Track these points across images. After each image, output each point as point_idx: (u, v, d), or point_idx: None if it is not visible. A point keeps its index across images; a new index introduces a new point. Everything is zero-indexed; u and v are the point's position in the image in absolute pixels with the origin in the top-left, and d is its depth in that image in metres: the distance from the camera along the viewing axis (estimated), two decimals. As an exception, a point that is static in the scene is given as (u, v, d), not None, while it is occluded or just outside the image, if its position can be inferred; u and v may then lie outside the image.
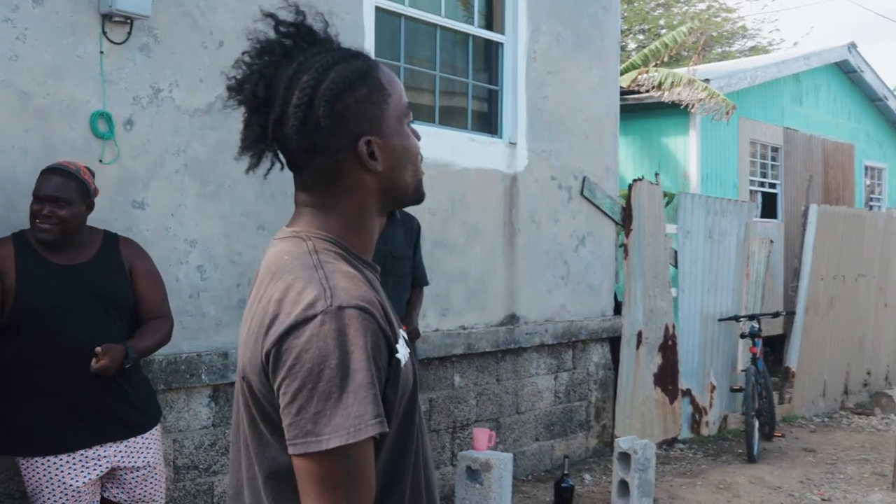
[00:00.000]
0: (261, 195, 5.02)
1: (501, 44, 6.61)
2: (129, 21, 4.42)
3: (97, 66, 4.33)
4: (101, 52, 4.35)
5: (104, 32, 4.35)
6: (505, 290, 6.51)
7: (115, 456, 3.75)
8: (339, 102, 1.63)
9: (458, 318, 6.18)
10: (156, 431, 3.92)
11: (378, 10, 5.70)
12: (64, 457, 3.66)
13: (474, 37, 6.48)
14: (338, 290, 1.54)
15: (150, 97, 4.55)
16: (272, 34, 1.67)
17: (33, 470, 3.65)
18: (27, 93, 4.11)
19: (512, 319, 6.56)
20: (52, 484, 3.65)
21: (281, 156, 1.72)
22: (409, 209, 5.38)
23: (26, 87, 4.10)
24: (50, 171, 3.72)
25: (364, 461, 1.52)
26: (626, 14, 19.29)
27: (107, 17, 4.34)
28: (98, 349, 3.59)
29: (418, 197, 1.79)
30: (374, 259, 1.90)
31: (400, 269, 5.06)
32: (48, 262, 3.70)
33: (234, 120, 4.69)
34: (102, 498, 3.84)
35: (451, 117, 6.42)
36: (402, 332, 1.71)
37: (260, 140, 1.68)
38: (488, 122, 6.63)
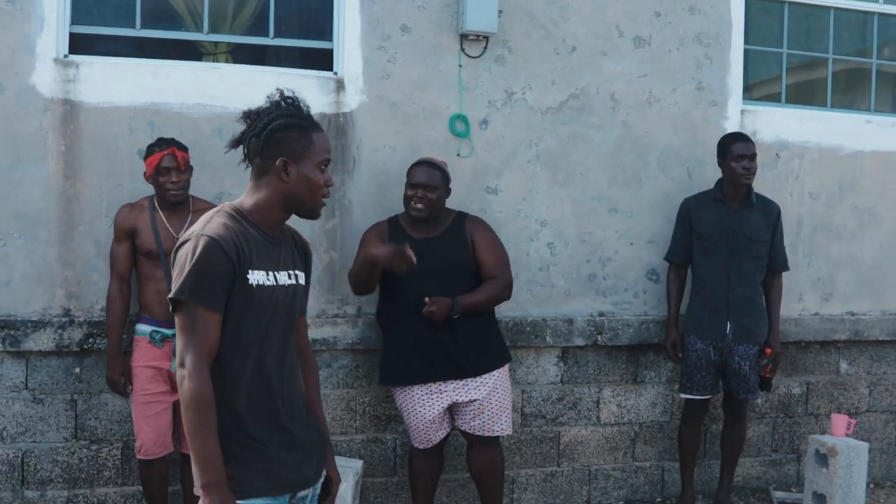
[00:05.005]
0: (613, 181, 5.60)
1: (918, 18, 6.29)
2: (484, 38, 5.31)
3: (456, 78, 5.29)
4: (460, 66, 5.30)
5: (462, 49, 5.30)
6: (911, 278, 6.22)
7: (453, 392, 4.72)
8: (277, 133, 2.75)
9: (845, 304, 6.08)
10: (491, 375, 4.78)
11: (751, -1, 5.90)
12: (415, 388, 4.73)
13: (880, 14, 6.26)
14: (207, 229, 2.67)
15: (503, 100, 5.40)
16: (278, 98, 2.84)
17: (398, 396, 4.82)
18: (396, 103, 5.22)
19: (923, 309, 6.23)
20: (411, 409, 4.75)
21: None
22: (769, 194, 5.57)
23: (395, 98, 5.21)
24: (419, 164, 4.81)
25: (198, 319, 2.61)
26: None
27: (464, 37, 5.29)
28: (426, 299, 4.59)
29: (311, 215, 2.86)
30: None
31: (755, 251, 5.30)
32: (409, 237, 4.78)
33: (587, 115, 5.48)
34: (456, 426, 4.87)
35: (848, 100, 6.31)
36: (283, 273, 2.81)
37: (238, 142, 2.83)
38: (899, 103, 6.37)
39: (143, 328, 4.55)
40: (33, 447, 4.80)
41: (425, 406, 4.73)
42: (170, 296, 2.63)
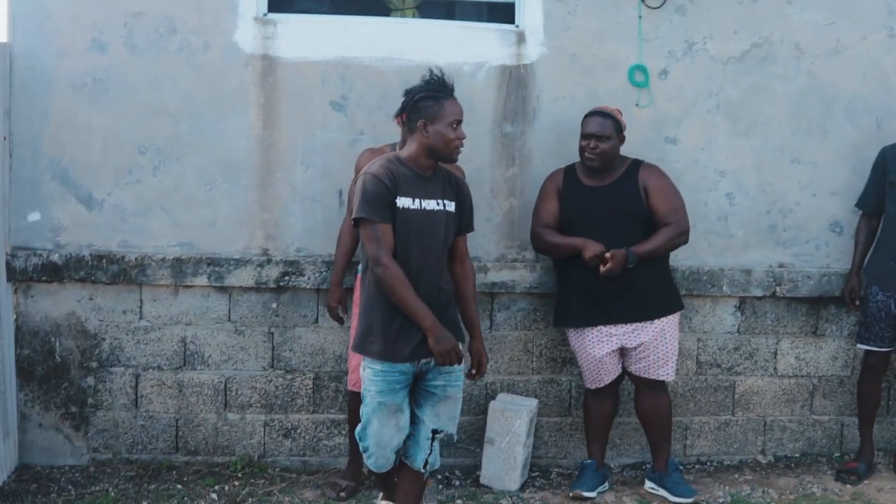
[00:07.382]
0: (797, 131, 5.51)
1: None
2: (666, -13, 5.34)
3: (635, 29, 5.34)
4: (640, 17, 5.34)
5: (642, 0, 5.34)
6: None
7: (623, 335, 4.87)
8: (420, 102, 3.92)
9: None
10: (660, 321, 4.91)
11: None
12: (587, 330, 4.92)
13: None
14: (370, 168, 3.92)
15: (684, 50, 5.40)
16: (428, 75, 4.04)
17: (571, 337, 5.05)
18: (576, 54, 5.32)
19: None
20: (583, 350, 4.96)
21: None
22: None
23: (575, 50, 5.32)
24: (591, 114, 4.95)
25: (378, 230, 3.81)
26: None
27: (646, -14, 5.33)
28: (607, 254, 4.73)
29: (447, 160, 4.01)
30: None
31: None
32: (583, 185, 4.95)
33: (770, 65, 5.50)
34: (625, 369, 5.05)
35: None
36: (431, 201, 3.94)
37: (401, 111, 4.05)
38: None
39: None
40: (235, 374, 5.25)
41: (595, 347, 4.90)
42: (353, 216, 3.84)
